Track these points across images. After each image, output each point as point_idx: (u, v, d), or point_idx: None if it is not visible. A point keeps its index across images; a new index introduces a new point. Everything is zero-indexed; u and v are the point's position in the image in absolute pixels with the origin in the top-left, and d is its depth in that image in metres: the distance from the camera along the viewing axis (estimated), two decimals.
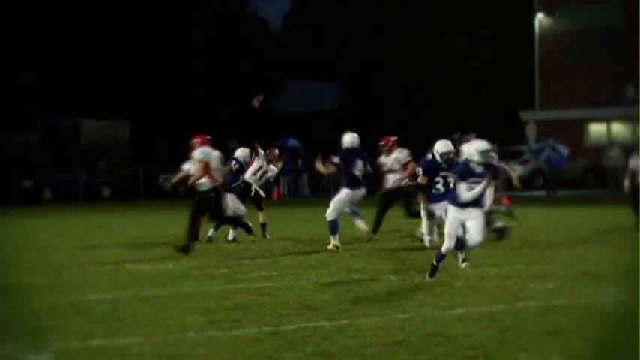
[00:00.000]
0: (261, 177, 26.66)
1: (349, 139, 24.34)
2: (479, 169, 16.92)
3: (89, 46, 70.76)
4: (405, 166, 25.16)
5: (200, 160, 22.27)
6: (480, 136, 57.27)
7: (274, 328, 12.76)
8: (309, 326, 12.84)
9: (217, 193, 22.35)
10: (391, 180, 24.90)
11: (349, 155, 23.85)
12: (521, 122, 69.47)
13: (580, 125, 66.60)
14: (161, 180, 52.71)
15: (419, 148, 25.31)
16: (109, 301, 15.22)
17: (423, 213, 22.96)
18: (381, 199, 25.47)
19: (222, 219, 23.81)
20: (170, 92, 71.68)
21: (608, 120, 66.05)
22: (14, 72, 70.01)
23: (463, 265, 17.75)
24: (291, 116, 76.94)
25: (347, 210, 24.30)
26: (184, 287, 16.78)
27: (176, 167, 26.80)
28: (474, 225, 17.19)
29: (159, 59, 72.01)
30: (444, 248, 17.36)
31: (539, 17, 71.61)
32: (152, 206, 38.18)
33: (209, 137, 23.01)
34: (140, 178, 57.07)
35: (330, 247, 23.02)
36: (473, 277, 17.06)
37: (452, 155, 18.66)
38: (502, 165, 25.83)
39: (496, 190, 23.77)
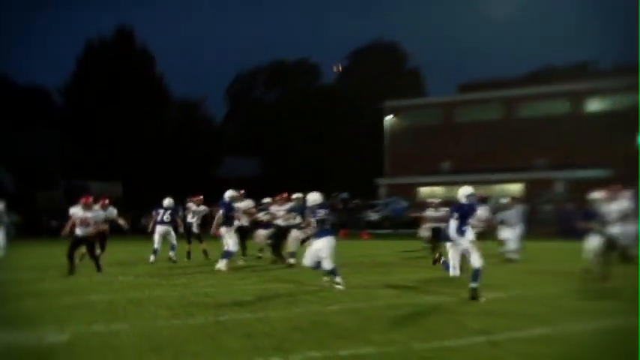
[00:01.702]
0: (198, 218, 26.40)
1: (228, 194, 23.53)
2: (467, 207, 14.90)
3: (97, 133, 70.56)
4: (248, 211, 24.49)
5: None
6: (350, 195, 56.63)
7: (215, 318, 12.71)
8: (238, 317, 12.82)
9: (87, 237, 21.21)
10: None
11: (229, 205, 22.58)
12: (376, 185, 70.01)
13: (414, 187, 67.10)
14: (142, 221, 52.37)
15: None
16: (106, 301, 15.04)
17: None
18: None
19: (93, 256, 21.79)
20: (148, 163, 71.36)
21: (431, 184, 66.72)
22: (45, 149, 69.73)
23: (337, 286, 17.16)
24: (227, 182, 76.80)
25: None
26: (156, 292, 16.61)
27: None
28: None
29: (143, 142, 71.88)
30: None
31: (388, 118, 72.33)
32: (135, 239, 37.74)
33: (88, 199, 21.75)
34: (129, 220, 56.96)
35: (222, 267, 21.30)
36: (344, 285, 17.06)
37: (319, 202, 17.81)
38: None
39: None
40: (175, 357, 9.90)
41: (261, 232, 24.80)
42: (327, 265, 16.88)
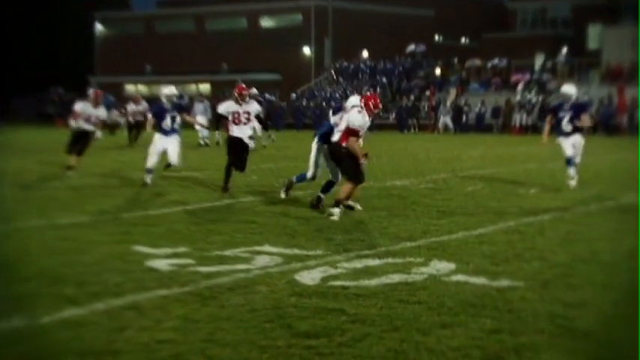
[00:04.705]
0: None
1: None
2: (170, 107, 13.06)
3: None
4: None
5: None
6: (65, 89, 53.18)
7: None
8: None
9: None
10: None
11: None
12: (88, 82, 67.08)
13: (121, 85, 64.70)
14: None
15: None
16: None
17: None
18: None
19: None
20: None
21: (136, 82, 65.16)
22: None
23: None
24: None
25: None
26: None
27: None
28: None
29: None
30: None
31: (98, 26, 69.40)
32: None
33: None
34: None
35: None
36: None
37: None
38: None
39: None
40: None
41: None
42: None
